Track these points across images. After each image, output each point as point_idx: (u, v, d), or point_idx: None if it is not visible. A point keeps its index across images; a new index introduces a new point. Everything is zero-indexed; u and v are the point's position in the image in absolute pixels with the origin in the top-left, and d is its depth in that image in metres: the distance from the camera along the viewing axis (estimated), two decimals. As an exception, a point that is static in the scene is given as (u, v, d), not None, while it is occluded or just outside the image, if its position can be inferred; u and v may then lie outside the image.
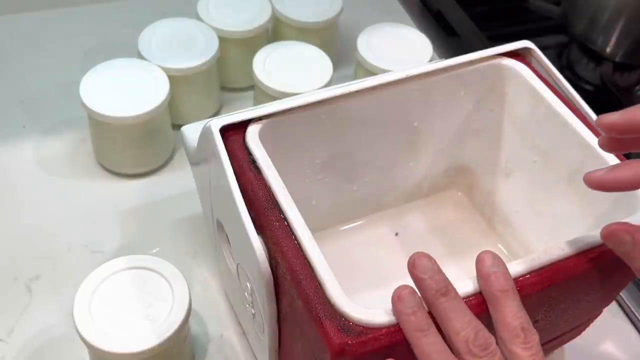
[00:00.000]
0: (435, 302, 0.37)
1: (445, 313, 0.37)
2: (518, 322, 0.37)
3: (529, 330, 0.37)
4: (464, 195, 0.62)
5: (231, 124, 0.46)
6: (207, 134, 0.46)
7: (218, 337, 0.56)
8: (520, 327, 0.37)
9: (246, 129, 0.47)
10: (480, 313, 0.38)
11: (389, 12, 0.89)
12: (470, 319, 0.37)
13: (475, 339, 0.36)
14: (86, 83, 0.63)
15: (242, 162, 0.45)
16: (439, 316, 0.37)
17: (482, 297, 0.38)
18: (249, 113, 0.47)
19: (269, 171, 0.44)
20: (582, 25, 0.83)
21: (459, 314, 0.37)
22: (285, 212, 0.42)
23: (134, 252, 0.53)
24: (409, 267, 0.38)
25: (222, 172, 0.44)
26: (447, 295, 0.37)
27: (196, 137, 0.50)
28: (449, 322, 0.37)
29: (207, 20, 0.72)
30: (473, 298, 0.39)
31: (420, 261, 0.38)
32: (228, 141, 0.46)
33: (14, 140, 0.69)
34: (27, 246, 0.61)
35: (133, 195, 0.66)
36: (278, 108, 0.48)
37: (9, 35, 0.80)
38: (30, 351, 0.54)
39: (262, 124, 0.47)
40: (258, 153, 0.45)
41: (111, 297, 0.49)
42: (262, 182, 0.44)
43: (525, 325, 0.37)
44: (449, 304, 0.37)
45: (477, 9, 0.87)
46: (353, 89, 0.49)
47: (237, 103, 0.76)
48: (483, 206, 0.61)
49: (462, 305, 0.37)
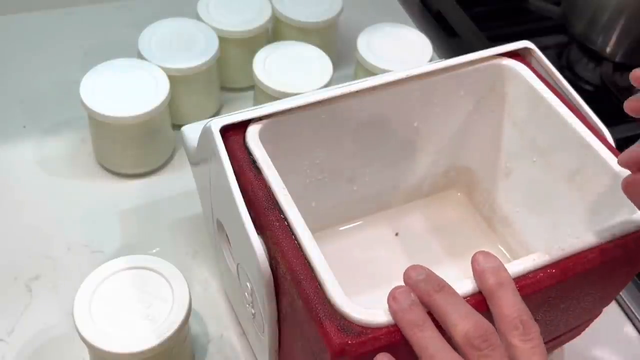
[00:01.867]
0: (431, 299, 0.37)
1: (442, 307, 0.36)
2: (516, 313, 0.36)
3: (528, 322, 0.36)
4: (464, 195, 0.62)
5: (231, 124, 0.46)
6: (207, 134, 0.46)
7: (218, 337, 0.56)
8: (519, 318, 0.36)
9: (246, 129, 0.47)
10: (481, 312, 0.38)
11: (389, 12, 0.89)
12: (468, 311, 0.36)
13: (475, 330, 0.35)
14: (86, 83, 0.63)
15: (242, 162, 0.45)
16: (436, 312, 0.36)
17: (482, 296, 0.38)
18: (249, 113, 0.47)
19: (269, 171, 0.44)
20: (582, 25, 0.83)
21: (456, 306, 0.36)
22: (285, 212, 0.42)
23: (134, 252, 0.53)
24: (404, 278, 0.38)
25: (222, 172, 0.44)
26: (442, 291, 0.37)
27: (196, 137, 0.50)
28: (445, 315, 0.36)
29: (207, 20, 0.72)
30: (471, 298, 0.39)
31: (414, 269, 0.38)
32: (228, 141, 0.46)
33: (14, 140, 0.69)
34: (27, 246, 0.61)
35: (133, 195, 0.66)
36: (278, 108, 0.48)
37: (9, 35, 0.80)
38: (30, 351, 0.54)
39: (262, 124, 0.47)
40: (258, 153, 0.45)
41: (111, 297, 0.49)
42: (262, 182, 0.44)
43: (524, 317, 0.36)
44: (445, 298, 0.37)
45: (477, 9, 0.87)
46: (353, 89, 0.49)
47: (237, 103, 0.76)
48: (483, 206, 0.61)
49: (458, 298, 0.37)
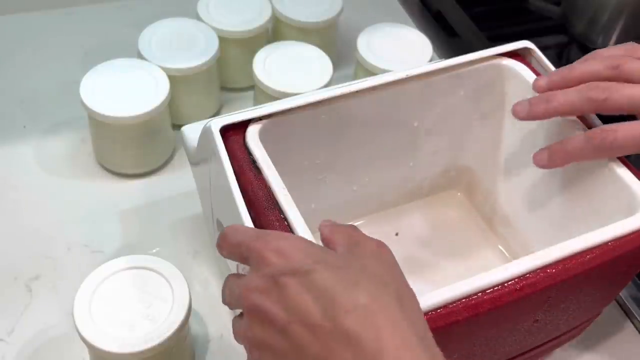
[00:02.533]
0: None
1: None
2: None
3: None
4: (463, 195, 0.62)
5: (231, 124, 0.46)
6: (207, 134, 0.46)
7: (218, 337, 0.56)
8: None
9: (246, 129, 0.47)
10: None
11: (389, 12, 0.89)
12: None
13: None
14: (86, 83, 0.63)
15: (242, 162, 0.45)
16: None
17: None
18: (248, 113, 0.47)
19: (269, 171, 0.44)
20: (582, 25, 0.83)
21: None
22: (285, 212, 0.42)
23: (134, 252, 0.53)
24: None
25: (222, 172, 0.44)
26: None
27: (196, 137, 0.50)
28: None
29: (207, 20, 0.72)
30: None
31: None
32: (228, 141, 0.46)
33: (14, 140, 0.69)
34: (27, 246, 0.61)
35: (133, 195, 0.66)
36: (278, 108, 0.48)
37: (9, 35, 0.80)
38: (30, 351, 0.54)
39: (262, 124, 0.47)
40: (258, 153, 0.45)
41: (111, 297, 0.49)
42: (262, 182, 0.44)
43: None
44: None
45: (477, 9, 0.87)
46: (353, 89, 0.50)
47: (237, 103, 0.76)
48: (483, 206, 0.61)
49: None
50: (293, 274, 0.33)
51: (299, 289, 0.33)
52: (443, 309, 0.39)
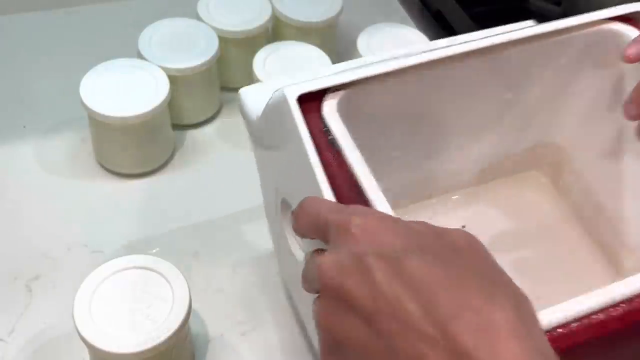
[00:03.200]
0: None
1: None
2: None
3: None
4: (547, 177, 0.56)
5: (307, 93, 0.40)
6: (280, 104, 0.40)
7: (218, 337, 0.56)
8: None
9: (322, 100, 0.41)
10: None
11: (389, 12, 0.89)
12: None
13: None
14: (86, 83, 0.63)
15: (318, 139, 0.39)
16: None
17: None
18: (326, 80, 0.41)
19: (352, 154, 0.38)
20: (582, 25, 0.83)
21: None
22: (371, 202, 0.37)
23: (134, 252, 0.53)
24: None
25: (299, 149, 0.39)
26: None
27: (258, 103, 0.44)
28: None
29: (207, 20, 0.72)
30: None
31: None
32: (302, 112, 0.40)
33: (14, 140, 0.69)
34: (27, 246, 0.61)
35: (133, 195, 0.66)
36: (361, 75, 0.41)
37: (9, 35, 0.80)
38: (30, 351, 0.54)
39: (340, 95, 0.41)
40: (338, 130, 0.39)
41: (111, 297, 0.49)
42: (341, 164, 0.38)
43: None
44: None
45: (477, 9, 0.87)
46: (447, 53, 0.44)
47: (237, 103, 0.76)
48: (570, 191, 0.54)
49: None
50: (380, 256, 0.28)
51: (388, 276, 0.27)
52: (564, 327, 0.33)
